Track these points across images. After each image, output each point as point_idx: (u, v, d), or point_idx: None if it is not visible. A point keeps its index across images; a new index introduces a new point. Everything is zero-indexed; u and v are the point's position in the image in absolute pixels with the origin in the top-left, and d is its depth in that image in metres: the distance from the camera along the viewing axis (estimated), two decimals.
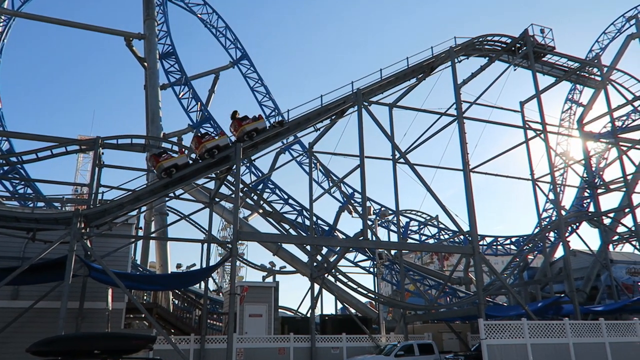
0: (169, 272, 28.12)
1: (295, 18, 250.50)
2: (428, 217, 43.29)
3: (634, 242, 29.56)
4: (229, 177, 20.20)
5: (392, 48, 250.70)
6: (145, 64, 32.67)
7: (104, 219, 16.74)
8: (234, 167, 18.65)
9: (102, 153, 18.80)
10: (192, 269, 36.79)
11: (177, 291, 24.79)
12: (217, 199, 23.93)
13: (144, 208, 23.64)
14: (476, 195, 22.13)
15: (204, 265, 21.62)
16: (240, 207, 26.81)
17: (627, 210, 27.96)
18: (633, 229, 27.04)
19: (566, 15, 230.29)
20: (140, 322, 26.59)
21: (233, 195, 18.82)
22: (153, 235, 28.36)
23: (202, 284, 22.69)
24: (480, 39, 28.09)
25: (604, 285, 30.49)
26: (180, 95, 31.80)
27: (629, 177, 28.00)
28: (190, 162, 18.80)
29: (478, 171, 29.00)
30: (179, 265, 38.56)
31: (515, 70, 28.52)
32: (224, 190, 22.97)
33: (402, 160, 24.53)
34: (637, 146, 30.59)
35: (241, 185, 21.34)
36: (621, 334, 18.21)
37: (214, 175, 19.70)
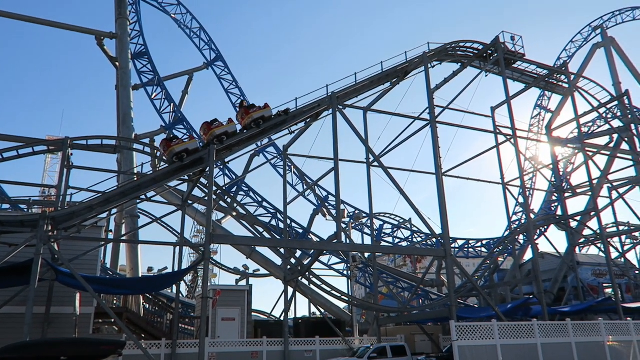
0: (140, 275, 27.62)
1: (270, 20, 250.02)
2: (401, 220, 43.71)
3: (599, 245, 30.47)
4: (202, 180, 19.97)
5: (366, 51, 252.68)
6: (117, 63, 32.08)
7: (72, 221, 16.33)
8: (208, 169, 18.48)
9: (71, 154, 18.38)
10: (163, 272, 36.20)
11: (148, 295, 24.36)
12: (190, 202, 23.67)
13: (114, 210, 23.19)
14: (448, 198, 22.45)
15: (176, 269, 21.30)
16: (214, 209, 26.53)
17: (592, 213, 28.81)
18: (598, 231, 27.85)
19: (536, 24, 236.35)
20: (109, 327, 26.02)
21: (206, 198, 18.62)
22: (124, 238, 27.80)
23: (174, 287, 22.36)
24: (453, 45, 28.58)
25: (570, 286, 31.28)
26: (152, 96, 31.31)
27: (595, 182, 28.85)
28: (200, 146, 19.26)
29: (450, 175, 29.47)
30: (150, 269, 37.90)
31: (486, 76, 29.11)
32: (197, 192, 22.73)
33: (376, 163, 24.73)
34: (603, 152, 31.58)
35: (215, 188, 21.14)
36: (586, 334, 18.73)
37: (186, 178, 19.46)
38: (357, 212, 35.56)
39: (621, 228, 34.85)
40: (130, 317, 22.14)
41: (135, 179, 18.86)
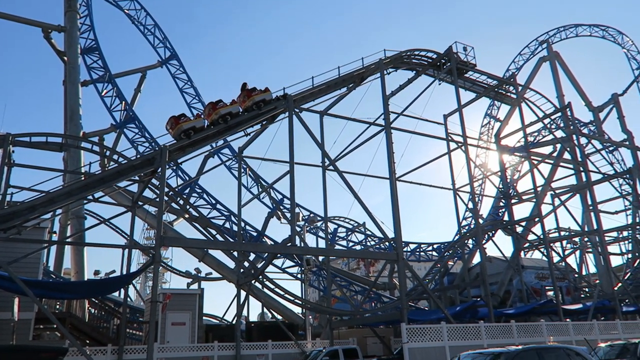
0: (86, 279, 26.54)
1: (227, 19, 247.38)
2: (355, 224, 44.10)
3: (542, 249, 31.81)
4: (154, 180, 19.45)
5: (322, 54, 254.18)
6: (65, 58, 30.76)
7: (12, 222, 15.49)
8: (159, 169, 18.02)
9: (13, 151, 17.44)
10: (111, 275, 34.94)
11: (94, 300, 23.43)
12: (140, 203, 22.99)
13: (59, 211, 22.23)
14: (402, 203, 22.86)
15: (125, 272, 20.60)
16: (165, 211, 25.91)
17: (536, 219, 30.04)
18: (541, 236, 29.08)
19: (487, 36, 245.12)
20: (51, 333, 24.84)
21: (157, 199, 18.15)
22: (68, 240, 26.66)
23: (122, 291, 21.62)
24: (408, 53, 29.21)
25: (515, 289, 32.48)
26: (103, 93, 30.25)
27: (539, 189, 30.11)
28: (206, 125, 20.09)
29: (404, 180, 30.06)
30: (96, 272, 36.44)
31: (440, 84, 29.92)
32: (148, 193, 22.12)
33: (331, 167, 24.87)
34: (547, 160, 33.04)
35: (166, 189, 20.66)
36: (529, 335, 19.50)
37: (137, 178, 18.89)
38: (311, 215, 35.62)
39: (562, 233, 36.53)
40: (74, 323, 21.20)
41: (83, 178, 18.13)
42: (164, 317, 21.11)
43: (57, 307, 22.75)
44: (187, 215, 26.28)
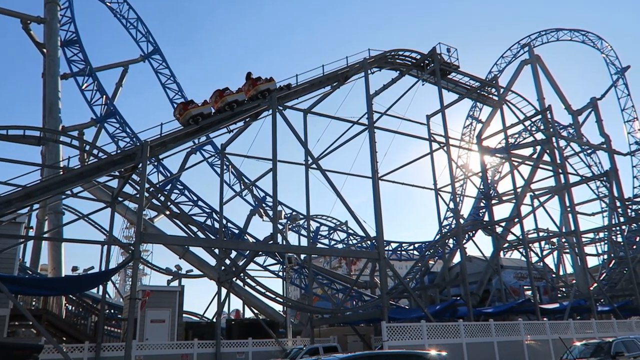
0: (63, 275, 26.11)
1: (210, 16, 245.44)
2: (338, 223, 44.19)
3: (521, 249, 32.30)
4: (134, 176, 19.20)
5: (308, 51, 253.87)
6: (45, 50, 30.17)
7: None
8: (140, 165, 17.79)
9: None
10: (89, 272, 34.42)
11: (71, 296, 23.06)
12: (120, 199, 22.67)
13: (36, 206, 21.80)
14: (384, 202, 22.97)
15: (104, 269, 20.32)
16: (146, 207, 25.61)
17: (516, 220, 30.45)
18: (521, 237, 29.49)
19: (470, 38, 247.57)
20: (27, 329, 24.39)
21: (138, 195, 17.92)
22: (46, 235, 26.18)
23: (101, 288, 21.32)
24: (392, 53, 29.32)
25: (494, 288, 32.88)
26: (83, 87, 29.74)
27: (519, 190, 30.51)
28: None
29: (386, 179, 30.20)
30: (74, 268, 35.87)
31: (423, 85, 30.10)
32: (128, 189, 21.82)
33: (314, 165, 24.85)
34: (527, 162, 33.50)
35: (147, 185, 20.41)
36: (507, 334, 19.77)
37: (117, 173, 18.63)
38: (294, 213, 35.58)
39: (541, 234, 37.10)
40: (50, 319, 20.87)
41: (61, 173, 17.82)
42: (143, 314, 20.88)
43: (34, 303, 22.35)
44: (168, 212, 25.95)
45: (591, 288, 30.11)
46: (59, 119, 28.37)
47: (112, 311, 29.80)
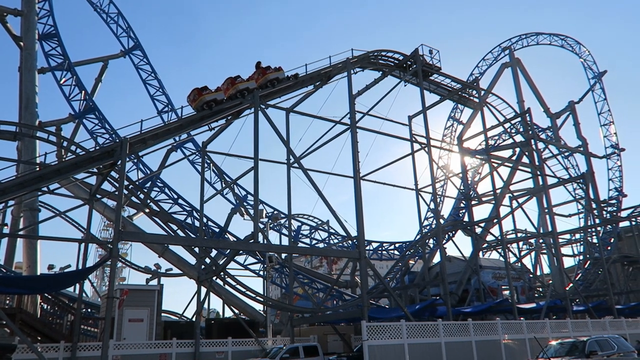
0: (38, 273, 25.57)
1: (193, 11, 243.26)
2: (319, 222, 44.23)
3: (499, 250, 32.72)
4: (113, 173, 18.92)
5: (289, 50, 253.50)
6: (22, 43, 29.47)
7: None
8: (119, 162, 17.54)
9: None
10: (66, 270, 33.79)
11: (47, 295, 22.59)
12: (98, 196, 22.32)
13: (11, 202, 21.33)
14: (365, 202, 23.05)
15: (81, 267, 19.96)
16: (125, 205, 25.25)
17: (495, 220, 30.85)
18: (499, 237, 29.89)
19: (452, 40, 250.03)
20: (0, 329, 23.81)
21: (117, 192, 17.66)
22: (21, 232, 25.60)
23: (77, 287, 20.94)
24: (375, 54, 29.43)
25: (473, 288, 33.27)
26: (61, 82, 29.17)
27: (498, 191, 30.93)
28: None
29: (368, 179, 30.31)
30: (50, 267, 35.22)
31: (405, 86, 30.25)
32: (106, 186, 21.48)
33: (296, 164, 24.81)
34: (506, 164, 33.96)
35: (126, 182, 20.13)
36: (485, 333, 20.00)
37: (95, 170, 18.34)
38: (275, 212, 35.48)
39: (519, 235, 37.67)
40: (24, 319, 20.39)
41: (37, 169, 17.46)
42: (121, 313, 20.57)
43: (7, 302, 21.81)
44: (147, 210, 25.66)
45: (567, 288, 30.69)
46: (35, 114, 27.77)
47: (89, 310, 29.30)
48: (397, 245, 43.42)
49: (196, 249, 23.68)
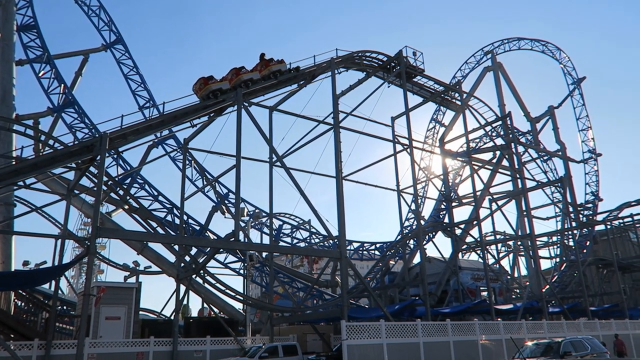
0: (13, 269, 25.03)
1: (176, 7, 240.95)
2: (301, 221, 44.19)
3: (478, 251, 33.11)
4: (92, 168, 18.61)
5: (270, 41, 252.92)
6: None
7: None
8: (98, 157, 17.26)
9: None
10: (42, 267, 33.14)
11: (21, 292, 22.12)
12: (76, 191, 21.93)
13: None
14: (347, 202, 23.12)
15: (57, 264, 19.58)
16: (103, 201, 24.87)
17: (475, 222, 31.22)
18: (479, 239, 30.26)
19: (436, 43, 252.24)
20: None
21: (95, 188, 17.37)
22: None
23: (53, 284, 20.54)
24: (360, 54, 29.51)
25: (452, 289, 33.61)
26: (40, 74, 28.55)
27: (478, 194, 31.32)
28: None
29: (350, 179, 30.39)
30: (26, 263, 34.53)
31: (389, 87, 30.40)
32: (85, 182, 21.12)
33: (278, 163, 24.74)
34: (486, 166, 34.39)
35: (105, 178, 19.84)
36: (463, 334, 20.21)
37: (74, 165, 18.01)
38: (257, 211, 35.34)
39: (498, 237, 38.18)
40: None
41: (13, 163, 17.09)
42: (98, 311, 20.24)
43: None
44: (126, 206, 25.27)
45: (543, 290, 31.19)
46: (12, 107, 27.13)
47: (65, 308, 28.79)
48: (377, 245, 43.61)
49: (176, 247, 23.43)
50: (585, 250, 43.61)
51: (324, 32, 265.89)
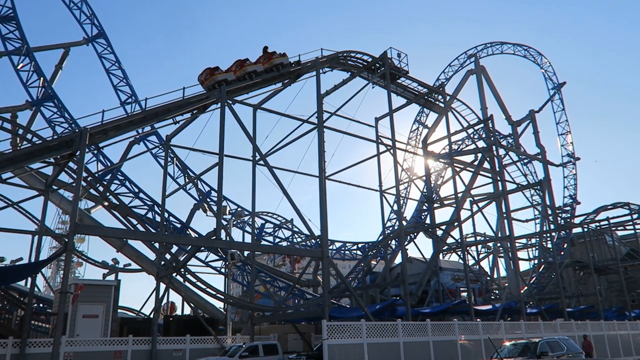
0: None
1: (162, 3, 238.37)
2: (283, 220, 44.07)
3: (459, 252, 33.42)
4: (71, 164, 18.29)
5: (258, 39, 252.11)
6: None
7: None
8: (78, 152, 16.96)
9: None
10: (17, 263, 32.46)
11: None
12: (54, 187, 21.55)
13: None
14: (330, 201, 23.15)
15: (33, 260, 19.22)
16: (82, 197, 24.46)
17: (456, 224, 31.49)
18: (459, 240, 30.54)
19: (420, 45, 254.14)
20: None
21: (74, 184, 17.08)
22: None
23: (30, 280, 20.14)
24: (345, 54, 29.53)
25: (432, 289, 33.87)
26: (19, 67, 27.96)
27: (459, 195, 31.60)
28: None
29: (333, 179, 30.43)
30: (1, 259, 33.83)
31: (373, 87, 30.51)
32: (64, 177, 20.77)
33: (261, 162, 24.64)
34: (468, 168, 34.73)
35: (85, 174, 19.50)
36: (443, 334, 20.39)
37: (52, 160, 17.69)
38: (239, 209, 35.13)
39: (478, 238, 38.61)
40: None
41: None
42: (75, 309, 19.90)
43: None
44: (106, 203, 24.91)
45: (522, 291, 31.62)
46: None
47: (41, 305, 28.26)
48: (359, 245, 43.75)
49: (156, 245, 23.17)
50: (562, 253, 44.40)
51: (309, 31, 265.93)
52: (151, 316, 24.39)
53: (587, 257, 38.73)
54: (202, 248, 26.71)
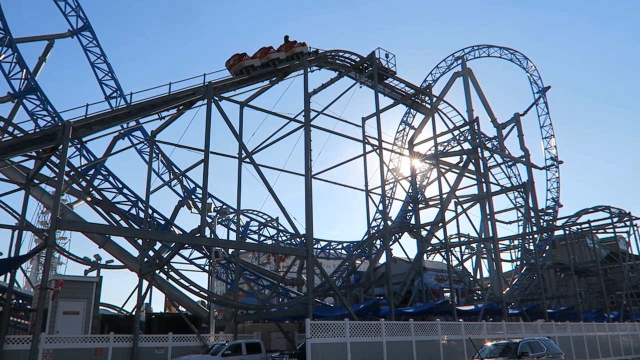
0: None
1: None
2: (268, 218, 43.96)
3: (443, 253, 33.65)
4: (53, 158, 18.00)
5: (247, 38, 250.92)
6: None
7: None
8: (60, 146, 16.70)
9: None
10: None
11: None
12: (36, 181, 21.19)
13: None
14: (316, 200, 23.11)
15: (13, 256, 18.87)
16: (64, 192, 24.11)
17: (440, 224, 31.69)
18: (443, 241, 30.75)
19: (408, 45, 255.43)
20: None
21: (56, 179, 16.81)
22: None
23: (9, 276, 19.78)
24: (333, 53, 29.53)
25: (416, 289, 34.07)
26: (1, 58, 27.43)
27: (444, 196, 31.80)
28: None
29: (319, 178, 30.36)
30: None
31: (360, 87, 30.53)
32: (45, 171, 20.43)
33: (247, 159, 24.53)
34: (453, 170, 34.98)
35: (67, 169, 19.22)
36: (426, 333, 20.51)
37: (34, 154, 17.39)
38: (224, 207, 34.92)
39: (462, 239, 38.92)
40: None
41: None
42: (55, 305, 19.60)
43: None
44: (89, 198, 24.59)
45: (504, 292, 31.94)
46: None
47: (21, 301, 27.83)
48: (344, 244, 43.81)
49: (139, 241, 22.91)
50: (544, 254, 44.99)
51: (298, 29, 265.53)
52: (133, 313, 24.15)
53: (568, 259, 39.29)
54: (186, 245, 26.51)
